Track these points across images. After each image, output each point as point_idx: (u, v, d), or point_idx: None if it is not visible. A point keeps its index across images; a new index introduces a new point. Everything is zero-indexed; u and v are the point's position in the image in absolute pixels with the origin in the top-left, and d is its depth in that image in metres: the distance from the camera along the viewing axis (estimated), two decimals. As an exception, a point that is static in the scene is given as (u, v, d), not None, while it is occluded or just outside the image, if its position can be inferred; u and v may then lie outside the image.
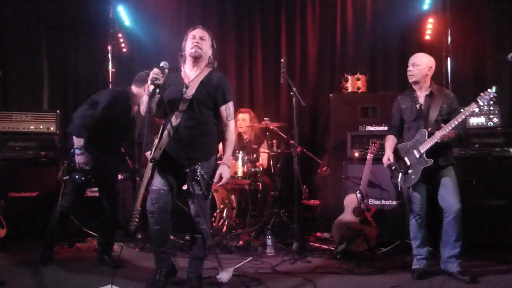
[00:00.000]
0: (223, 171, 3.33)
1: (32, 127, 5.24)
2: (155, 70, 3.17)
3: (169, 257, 3.60)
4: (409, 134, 3.97)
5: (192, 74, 3.42)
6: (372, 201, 4.78)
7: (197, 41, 3.36)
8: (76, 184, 4.12)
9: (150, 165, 3.36)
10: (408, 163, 3.86)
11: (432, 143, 3.71)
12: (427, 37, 5.83)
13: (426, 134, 3.78)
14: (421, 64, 3.87)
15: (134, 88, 4.14)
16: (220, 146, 4.28)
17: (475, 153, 4.69)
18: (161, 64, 3.22)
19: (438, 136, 3.66)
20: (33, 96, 6.20)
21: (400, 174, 3.89)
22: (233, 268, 3.33)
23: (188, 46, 3.39)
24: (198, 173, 3.31)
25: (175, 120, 3.29)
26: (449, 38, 5.59)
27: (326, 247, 4.78)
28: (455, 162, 3.89)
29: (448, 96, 3.90)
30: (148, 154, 3.67)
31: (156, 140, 3.39)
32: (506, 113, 5.21)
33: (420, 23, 5.90)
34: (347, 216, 4.57)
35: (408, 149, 3.89)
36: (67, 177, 4.15)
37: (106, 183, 4.28)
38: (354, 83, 5.45)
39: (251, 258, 4.23)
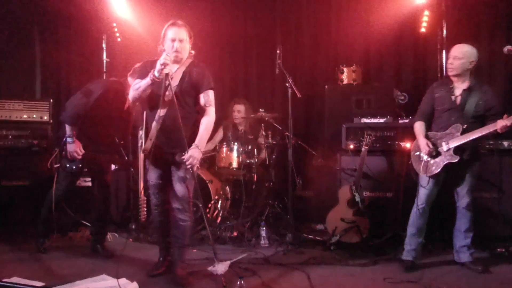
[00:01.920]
0: (192, 153, 3.33)
1: (25, 116, 5.18)
2: (165, 56, 3.27)
3: (172, 246, 3.69)
4: (438, 123, 3.92)
5: (174, 67, 3.48)
6: (366, 193, 4.78)
7: (176, 47, 3.42)
8: (67, 173, 4.11)
9: (142, 156, 3.43)
10: (434, 153, 3.83)
11: (464, 141, 3.69)
12: (423, 30, 5.79)
13: (461, 129, 3.74)
14: (463, 57, 3.77)
15: (130, 80, 4.11)
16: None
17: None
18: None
19: (499, 125, 3.52)
20: (26, 85, 6.14)
21: (423, 162, 3.87)
22: (230, 261, 3.36)
23: (168, 48, 3.44)
24: (182, 157, 3.36)
25: (161, 111, 3.36)
26: (444, 31, 5.57)
27: (319, 238, 4.78)
28: (481, 159, 3.93)
29: (486, 93, 3.81)
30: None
31: (141, 132, 3.48)
32: (500, 105, 5.21)
33: (416, 16, 5.87)
34: (341, 207, 4.57)
35: (437, 139, 3.85)
36: (58, 165, 4.17)
37: (98, 173, 4.27)
38: (350, 75, 5.44)
39: (247, 254, 4.20)
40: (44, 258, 4.09)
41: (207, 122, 3.49)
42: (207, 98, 3.51)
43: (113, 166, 5.13)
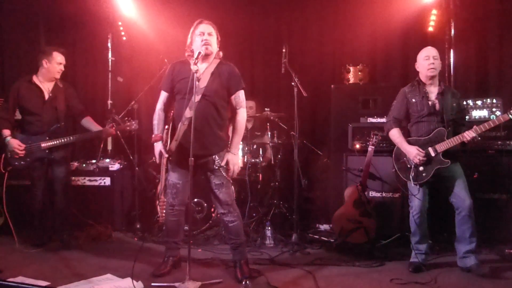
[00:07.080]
0: (230, 160, 3.44)
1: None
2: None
3: (179, 248, 3.76)
4: (418, 129, 3.88)
5: (202, 67, 3.46)
6: (373, 193, 4.75)
7: (206, 39, 3.42)
8: (20, 170, 4.38)
9: (166, 156, 3.46)
10: (426, 159, 3.77)
11: (451, 144, 3.67)
12: (430, 29, 5.74)
13: (445, 134, 3.73)
14: (438, 57, 3.82)
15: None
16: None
17: (477, 146, 4.63)
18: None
19: (468, 137, 3.61)
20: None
21: (412, 170, 3.82)
22: (201, 283, 3.27)
23: (197, 43, 3.43)
24: (216, 163, 3.43)
25: (189, 112, 3.34)
26: (452, 30, 5.52)
27: (325, 239, 4.75)
28: (460, 157, 3.88)
29: (455, 95, 3.88)
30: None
31: (164, 132, 3.53)
32: (508, 105, 5.15)
33: (423, 14, 5.82)
34: (347, 208, 4.53)
35: (421, 145, 3.80)
36: (10, 167, 4.34)
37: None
38: (356, 74, 5.39)
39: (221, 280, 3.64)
40: (49, 258, 4.09)
41: (239, 126, 3.51)
42: (238, 99, 3.53)
43: (117, 165, 5.14)
